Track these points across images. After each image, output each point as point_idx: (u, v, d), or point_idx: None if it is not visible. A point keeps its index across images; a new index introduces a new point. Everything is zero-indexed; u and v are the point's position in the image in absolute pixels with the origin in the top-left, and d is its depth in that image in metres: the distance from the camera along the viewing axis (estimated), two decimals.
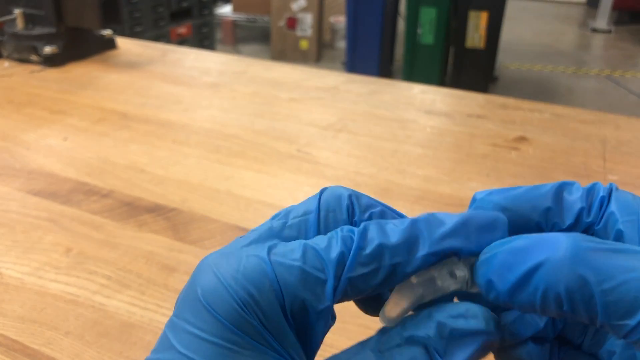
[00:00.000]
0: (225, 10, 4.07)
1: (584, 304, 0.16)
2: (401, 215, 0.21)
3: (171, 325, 0.18)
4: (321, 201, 0.21)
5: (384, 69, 3.02)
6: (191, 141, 0.67)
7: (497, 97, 0.82)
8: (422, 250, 0.19)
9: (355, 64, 3.01)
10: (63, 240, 0.49)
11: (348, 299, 0.19)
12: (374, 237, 0.19)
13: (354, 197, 0.21)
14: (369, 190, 0.57)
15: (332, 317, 0.19)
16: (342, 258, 0.18)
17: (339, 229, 0.19)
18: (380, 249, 0.19)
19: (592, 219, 0.20)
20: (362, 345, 0.19)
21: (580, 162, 0.63)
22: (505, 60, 3.60)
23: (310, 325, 0.18)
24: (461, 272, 0.19)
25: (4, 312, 0.41)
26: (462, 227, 0.19)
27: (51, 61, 0.91)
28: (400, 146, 0.67)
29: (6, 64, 0.93)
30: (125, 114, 0.75)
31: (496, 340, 0.19)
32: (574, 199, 0.21)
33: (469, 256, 0.20)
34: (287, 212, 0.21)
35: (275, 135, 0.69)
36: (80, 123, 0.72)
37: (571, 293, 0.16)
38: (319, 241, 0.19)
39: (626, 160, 0.64)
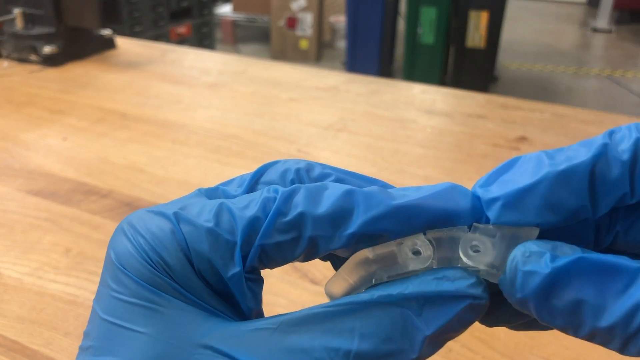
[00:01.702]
0: (225, 10, 4.07)
1: None
2: (372, 183, 0.19)
3: (96, 295, 0.18)
4: (259, 173, 0.19)
5: (384, 69, 3.01)
6: (191, 141, 0.67)
7: (498, 97, 0.82)
8: (351, 228, 0.16)
9: (355, 64, 3.01)
10: (62, 241, 0.49)
11: (266, 267, 0.18)
12: (298, 203, 0.17)
13: (303, 171, 0.19)
14: None
15: (257, 282, 0.18)
16: (256, 221, 0.17)
17: (265, 189, 0.17)
18: (302, 217, 0.16)
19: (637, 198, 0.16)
20: (324, 305, 0.17)
21: None
22: (506, 60, 3.60)
23: (229, 287, 0.17)
24: (426, 250, 0.17)
25: (4, 312, 0.41)
26: (409, 210, 0.17)
27: (51, 61, 0.91)
28: (400, 146, 0.67)
29: (6, 63, 0.93)
30: (124, 114, 0.75)
31: (483, 305, 0.17)
32: (614, 178, 0.17)
33: (436, 230, 0.17)
34: (232, 179, 0.20)
35: (275, 135, 0.69)
36: (80, 123, 0.72)
37: None
38: (239, 201, 0.17)
39: None
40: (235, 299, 0.17)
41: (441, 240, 0.17)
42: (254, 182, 0.19)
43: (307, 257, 0.17)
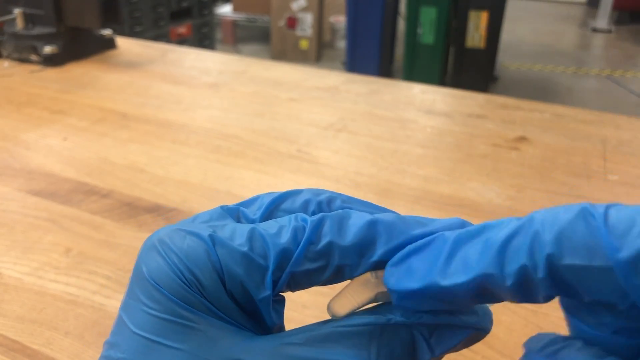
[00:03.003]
0: (225, 10, 4.07)
1: None
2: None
3: (124, 306, 0.18)
4: (279, 200, 0.20)
5: (384, 69, 3.01)
6: (191, 141, 0.67)
7: (497, 97, 0.82)
8: (374, 257, 0.18)
9: (355, 64, 3.01)
10: (63, 240, 0.49)
11: (291, 290, 0.19)
12: (326, 233, 0.18)
13: (324, 204, 0.20)
14: (369, 190, 0.57)
15: (281, 302, 0.19)
16: (288, 249, 0.18)
17: (293, 216, 0.18)
18: (331, 247, 0.18)
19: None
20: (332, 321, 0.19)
21: (581, 162, 0.63)
22: (506, 60, 3.60)
23: (257, 306, 0.18)
24: None
25: (4, 312, 0.41)
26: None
27: (51, 61, 0.91)
28: (400, 146, 0.67)
29: (6, 63, 0.93)
30: (124, 114, 0.75)
31: (486, 333, 0.19)
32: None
33: None
34: (250, 200, 0.21)
35: (275, 135, 0.69)
36: (80, 123, 0.72)
37: None
38: (270, 227, 0.18)
39: (627, 160, 0.64)
40: (261, 317, 0.18)
41: None
42: (273, 208, 0.20)
43: (330, 282, 0.19)
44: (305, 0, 3.56)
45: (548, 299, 0.15)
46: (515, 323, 0.40)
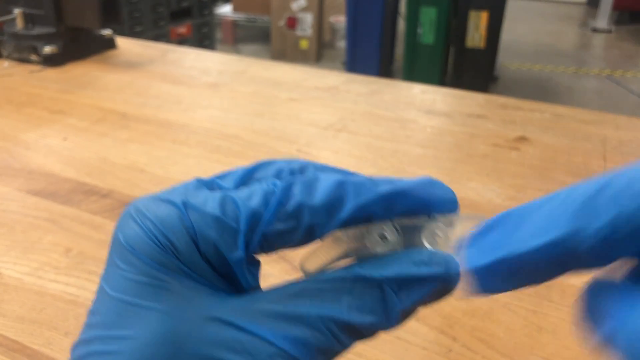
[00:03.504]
0: (225, 10, 4.07)
1: None
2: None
3: (104, 275, 0.19)
4: (253, 170, 0.21)
5: (384, 69, 3.01)
6: (191, 141, 0.67)
7: (498, 97, 0.82)
8: (344, 213, 0.18)
9: (355, 64, 3.01)
10: (63, 241, 0.49)
11: (266, 252, 0.19)
12: (296, 195, 0.18)
13: (297, 171, 0.21)
14: None
15: (255, 264, 0.20)
16: (259, 211, 0.18)
17: (264, 182, 0.19)
18: (300, 207, 0.18)
19: None
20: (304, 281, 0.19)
21: (581, 162, 0.63)
22: (506, 60, 3.60)
23: (231, 268, 0.18)
24: (392, 235, 0.19)
25: (4, 312, 0.41)
26: (394, 196, 0.19)
27: (51, 61, 0.91)
28: (400, 146, 0.67)
29: (6, 63, 0.93)
30: (124, 114, 0.75)
31: (455, 285, 0.19)
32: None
33: (403, 218, 0.19)
34: (225, 173, 0.21)
35: (275, 135, 0.69)
36: (80, 123, 0.72)
37: None
38: (241, 192, 0.19)
39: (626, 160, 0.64)
40: (237, 279, 0.19)
41: (406, 228, 0.19)
42: (247, 178, 0.21)
43: (302, 243, 0.19)
44: (305, 0, 3.56)
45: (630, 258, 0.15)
46: (515, 323, 0.40)
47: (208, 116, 0.74)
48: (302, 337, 0.18)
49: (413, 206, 0.19)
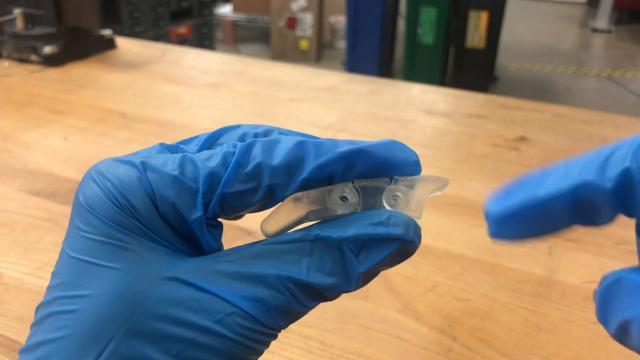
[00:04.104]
0: (225, 10, 4.07)
1: None
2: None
3: (65, 237, 0.19)
4: (217, 135, 0.21)
5: (384, 69, 3.01)
6: None
7: (498, 97, 0.82)
8: (304, 174, 0.18)
9: (355, 64, 3.01)
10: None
11: (226, 215, 0.19)
12: (256, 155, 0.18)
13: (261, 135, 0.21)
14: None
15: (217, 226, 0.20)
16: (218, 172, 0.18)
17: (224, 145, 0.19)
18: (260, 168, 0.18)
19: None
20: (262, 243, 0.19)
21: None
22: (506, 60, 3.60)
23: (192, 229, 0.18)
24: (353, 197, 0.19)
25: (4, 312, 0.41)
26: (354, 156, 0.19)
27: (51, 61, 0.91)
28: None
29: (6, 64, 0.93)
30: (124, 114, 0.75)
31: (414, 247, 0.19)
32: (605, 211, 0.17)
33: (363, 180, 0.19)
34: (190, 138, 0.21)
35: None
36: (80, 123, 0.72)
37: None
38: (202, 154, 0.19)
39: None
40: (198, 241, 0.19)
41: (367, 189, 0.19)
42: (210, 143, 0.21)
43: (263, 206, 0.19)
44: (305, 0, 3.56)
45: None
46: (515, 323, 0.40)
47: (208, 116, 0.74)
48: (261, 296, 0.18)
49: (374, 166, 0.19)
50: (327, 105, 0.78)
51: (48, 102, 0.78)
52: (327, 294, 0.19)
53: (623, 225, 0.52)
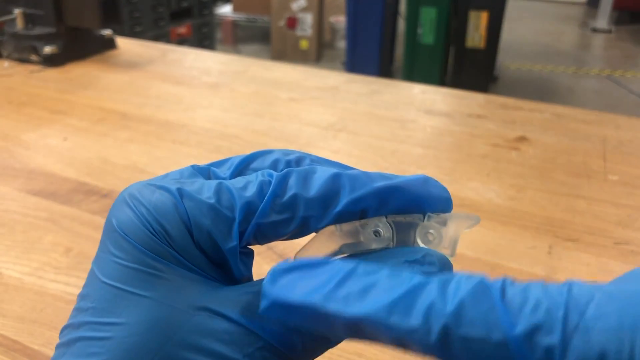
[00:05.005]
0: (225, 10, 4.07)
1: None
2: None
3: (96, 259, 0.18)
4: (249, 159, 0.21)
5: (384, 69, 3.01)
6: (191, 141, 0.67)
7: (498, 97, 0.82)
8: (339, 207, 0.18)
9: (355, 64, 3.01)
10: (63, 240, 0.49)
11: (259, 243, 0.19)
12: (292, 186, 0.18)
13: (293, 163, 0.21)
14: None
15: (248, 254, 0.20)
16: (254, 201, 0.18)
17: (260, 172, 0.19)
18: (295, 199, 0.18)
19: None
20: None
21: (581, 162, 0.63)
22: (506, 60, 3.60)
23: (225, 257, 0.18)
24: (386, 231, 0.19)
25: (4, 312, 0.41)
26: (389, 192, 0.19)
27: (51, 61, 0.91)
28: (400, 146, 0.67)
29: (6, 64, 0.93)
30: (125, 114, 0.75)
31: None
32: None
33: (397, 215, 0.19)
34: (222, 160, 0.21)
35: (276, 136, 0.69)
36: (80, 123, 0.72)
37: None
38: (237, 182, 0.19)
39: (626, 160, 0.64)
40: (229, 268, 0.19)
41: (400, 225, 0.19)
42: (242, 167, 0.21)
43: (294, 235, 0.19)
44: (305, 0, 3.56)
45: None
46: None
47: (208, 116, 0.74)
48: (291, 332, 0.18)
49: (407, 202, 0.19)
50: (327, 105, 0.78)
51: (48, 102, 0.78)
52: None
53: (623, 225, 0.52)
